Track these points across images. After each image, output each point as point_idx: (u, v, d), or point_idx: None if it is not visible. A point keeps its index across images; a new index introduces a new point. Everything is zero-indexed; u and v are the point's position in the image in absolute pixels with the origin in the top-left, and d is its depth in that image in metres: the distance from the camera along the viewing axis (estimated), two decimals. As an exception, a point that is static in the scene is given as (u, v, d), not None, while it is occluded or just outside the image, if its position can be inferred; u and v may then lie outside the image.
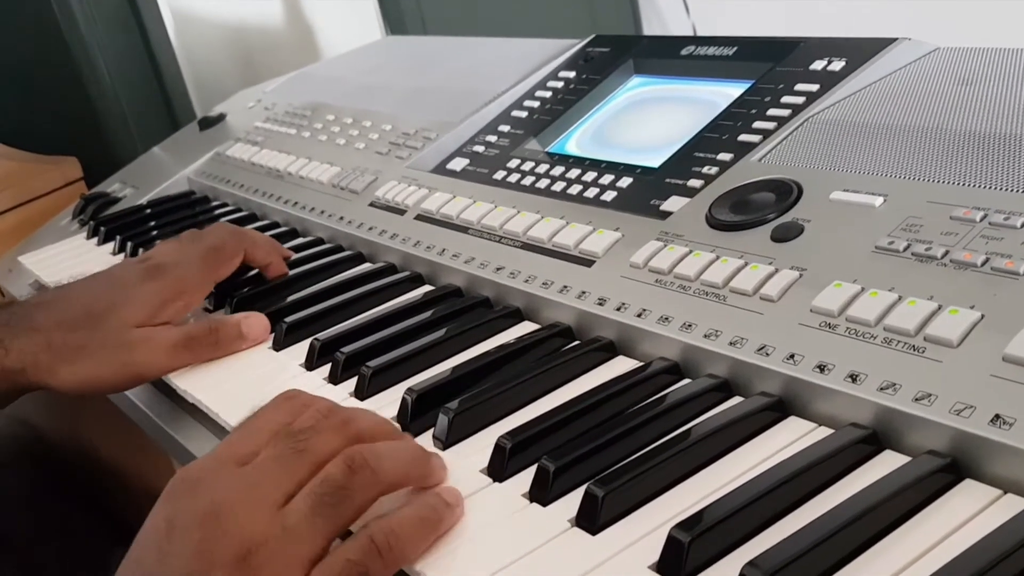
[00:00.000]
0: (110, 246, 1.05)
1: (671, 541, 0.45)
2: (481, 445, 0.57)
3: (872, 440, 0.50)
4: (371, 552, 0.45)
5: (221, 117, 1.31)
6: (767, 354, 0.55)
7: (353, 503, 0.47)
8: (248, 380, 0.71)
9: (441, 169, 0.92)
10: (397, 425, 0.59)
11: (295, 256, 0.89)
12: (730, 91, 0.82)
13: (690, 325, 0.60)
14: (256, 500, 0.46)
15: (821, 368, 0.53)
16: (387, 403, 0.63)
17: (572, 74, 0.97)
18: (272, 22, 1.94)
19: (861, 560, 0.43)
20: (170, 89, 1.58)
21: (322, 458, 0.48)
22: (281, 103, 1.25)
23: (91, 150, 1.50)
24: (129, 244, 1.01)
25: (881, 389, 0.50)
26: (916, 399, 0.48)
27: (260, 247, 0.84)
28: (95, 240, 1.09)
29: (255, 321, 0.76)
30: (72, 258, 1.05)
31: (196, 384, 0.71)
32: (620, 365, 0.63)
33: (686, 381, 0.59)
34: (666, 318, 0.61)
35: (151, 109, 1.54)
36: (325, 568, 0.45)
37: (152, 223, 1.08)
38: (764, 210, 0.65)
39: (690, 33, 2.00)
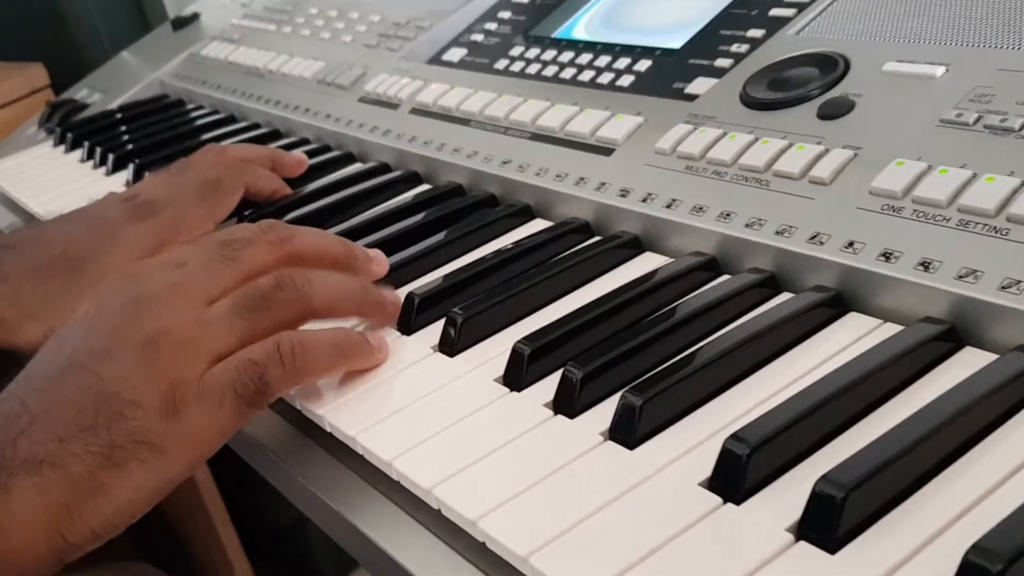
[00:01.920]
0: (78, 153, 0.97)
1: (726, 455, 0.38)
2: (495, 352, 0.50)
3: (950, 336, 0.43)
4: (273, 356, 0.45)
5: (195, 16, 1.22)
6: (821, 243, 0.48)
7: (272, 314, 0.47)
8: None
9: (436, 60, 0.84)
10: (350, 245, 0.56)
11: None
12: (756, -36, 0.74)
13: (728, 214, 0.53)
14: (179, 294, 0.46)
15: (886, 256, 0.46)
16: (386, 310, 0.56)
17: (577, -45, 0.89)
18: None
19: (951, 472, 0.37)
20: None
21: (252, 269, 0.49)
22: (259, -1, 1.16)
23: (58, 56, 1.40)
24: (98, 150, 0.93)
25: (959, 277, 0.43)
26: (1002, 287, 0.42)
27: (260, 177, 0.73)
28: (63, 148, 1.01)
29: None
30: (39, 166, 0.97)
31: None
32: (648, 262, 0.56)
33: (725, 277, 0.52)
34: (700, 208, 0.54)
35: (121, 11, 1.44)
36: (227, 362, 0.45)
37: (123, 128, 0.99)
38: (808, 85, 0.57)
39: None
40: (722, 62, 0.65)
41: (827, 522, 0.35)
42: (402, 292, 0.57)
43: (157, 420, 0.42)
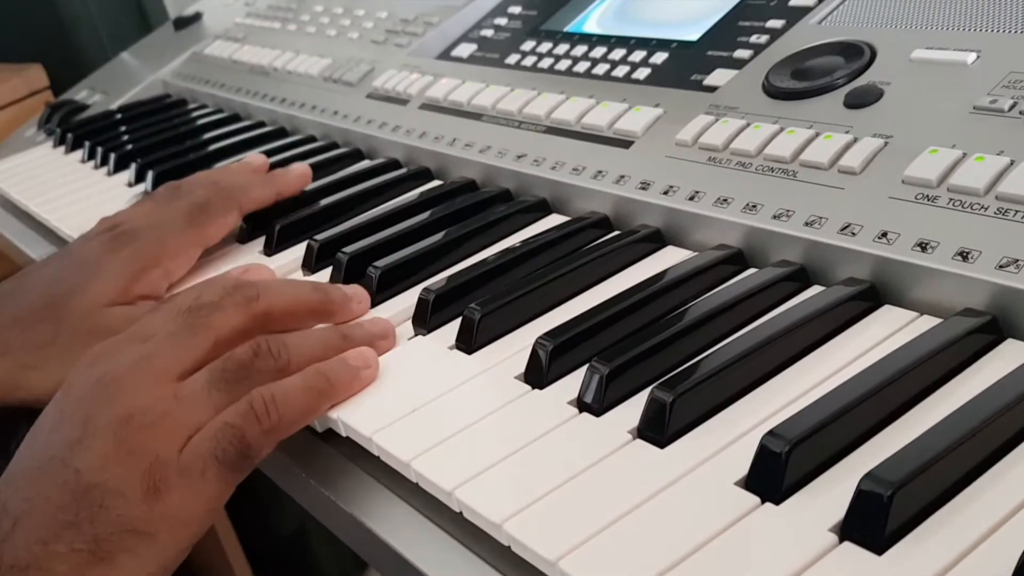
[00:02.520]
0: (79, 154, 0.95)
1: (763, 452, 0.36)
2: (514, 349, 0.49)
3: (992, 328, 0.41)
4: (248, 416, 0.43)
5: (198, 16, 1.20)
6: (853, 233, 0.47)
7: (251, 385, 0.45)
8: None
9: (446, 56, 0.83)
10: (325, 290, 0.53)
11: (285, 155, 0.80)
12: (772, -44, 0.73)
13: (755, 206, 0.51)
14: (146, 370, 0.44)
15: (922, 246, 0.44)
16: (400, 309, 0.55)
17: (588, -51, 0.87)
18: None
19: (999, 468, 0.35)
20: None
21: (220, 335, 0.47)
22: (263, -3, 1.15)
23: (57, 56, 1.38)
24: (99, 150, 0.91)
25: (1001, 267, 0.41)
26: (1047, 277, 0.40)
27: (255, 191, 0.68)
28: (63, 148, 0.99)
29: (256, 272, 0.60)
30: (39, 168, 0.95)
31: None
32: (671, 256, 0.54)
33: (753, 271, 0.50)
34: (725, 199, 0.52)
35: (121, 12, 1.42)
36: (203, 432, 0.43)
37: (125, 127, 0.98)
38: (833, 74, 0.56)
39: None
40: (742, 53, 0.63)
41: (873, 522, 0.33)
42: (416, 290, 0.55)
43: (140, 505, 0.40)
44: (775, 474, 0.36)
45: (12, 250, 0.85)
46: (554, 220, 0.61)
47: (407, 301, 0.55)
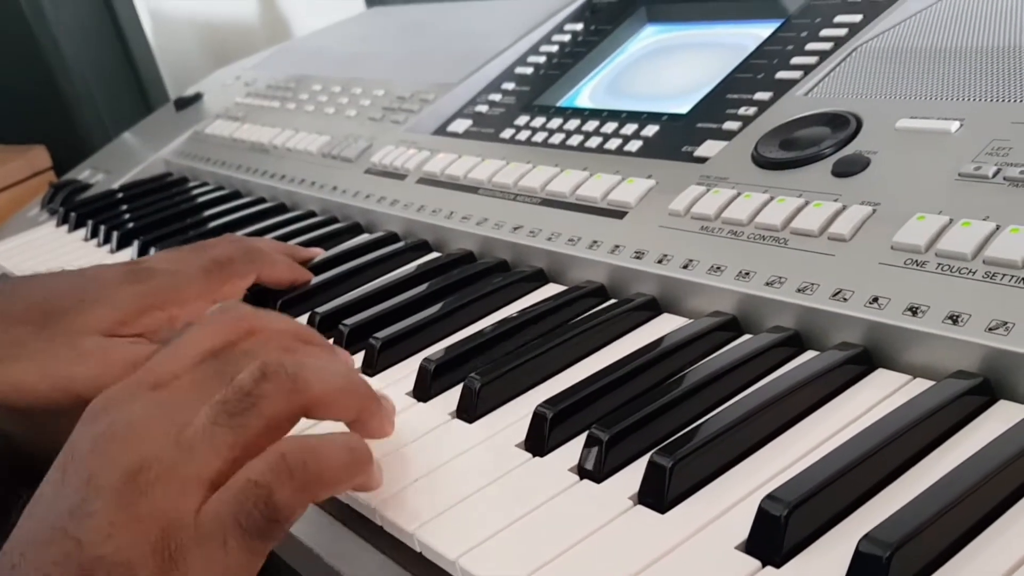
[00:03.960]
0: (82, 232, 0.97)
1: (763, 515, 0.37)
2: (514, 417, 0.49)
3: (984, 389, 0.42)
4: (280, 471, 0.37)
5: (198, 96, 1.23)
6: (844, 299, 0.48)
7: (260, 413, 0.38)
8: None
9: (442, 131, 0.84)
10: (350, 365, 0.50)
11: (285, 230, 0.81)
12: (758, 31, 0.75)
13: (748, 273, 0.52)
14: (158, 420, 0.38)
15: (912, 310, 0.45)
16: (400, 378, 0.55)
17: (579, 26, 0.90)
18: (245, 11, 1.85)
19: (994, 529, 0.36)
20: (143, 74, 1.49)
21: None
22: (262, 78, 1.17)
23: (60, 138, 1.41)
24: (103, 228, 0.93)
25: (990, 329, 0.42)
26: (1036, 339, 0.41)
27: (278, 266, 0.68)
28: (66, 227, 1.00)
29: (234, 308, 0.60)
30: (42, 247, 0.96)
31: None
32: (666, 323, 0.55)
33: (747, 337, 0.51)
34: (718, 267, 0.53)
35: (123, 95, 1.45)
36: (224, 490, 0.37)
37: (127, 206, 0.99)
38: (821, 144, 0.57)
39: None
40: (731, 125, 0.65)
41: (874, 583, 0.33)
42: (416, 359, 0.56)
43: None
44: (775, 537, 0.36)
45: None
46: (551, 290, 0.62)
47: (407, 370, 0.56)
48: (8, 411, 0.54)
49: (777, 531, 0.36)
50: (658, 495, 0.40)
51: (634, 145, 0.68)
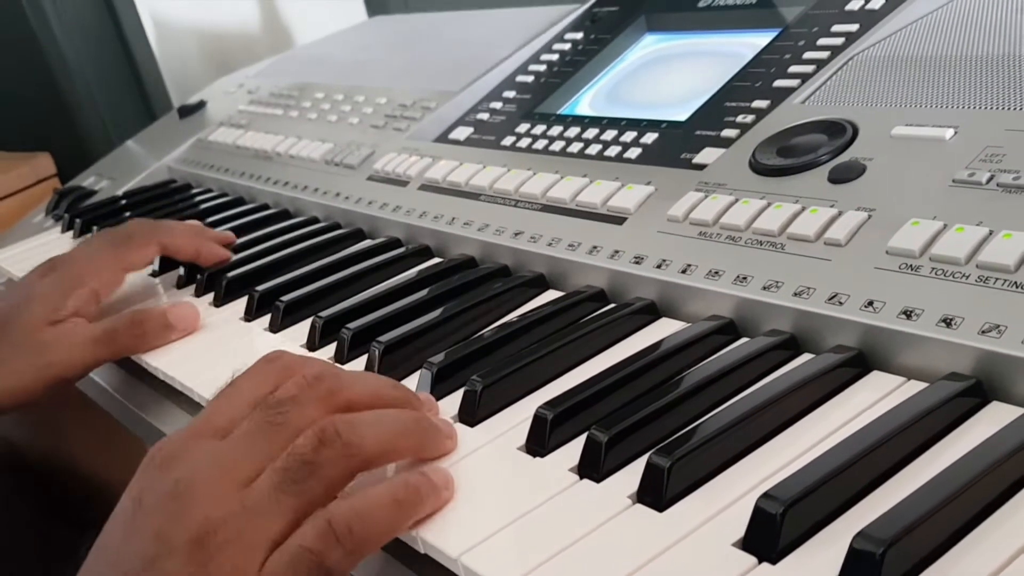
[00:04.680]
0: (87, 238, 0.97)
1: (759, 513, 0.38)
2: (515, 420, 0.50)
3: (976, 391, 0.43)
4: (328, 538, 0.39)
5: (201, 104, 1.24)
6: (840, 303, 0.48)
7: (321, 479, 0.41)
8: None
9: (443, 139, 0.85)
10: (406, 389, 0.49)
11: (289, 235, 0.82)
12: (756, 40, 0.76)
13: (745, 278, 0.53)
14: (221, 477, 0.41)
15: (907, 314, 0.46)
16: (403, 382, 0.56)
17: (579, 35, 0.91)
18: (248, 19, 1.87)
19: (985, 527, 0.36)
20: (147, 83, 1.50)
21: (301, 432, 0.43)
22: (265, 86, 1.18)
23: (64, 145, 1.42)
24: (107, 234, 0.93)
25: (983, 332, 0.43)
26: (1027, 341, 0.42)
27: (178, 234, 0.77)
28: (71, 233, 1.01)
29: (183, 310, 0.69)
30: (47, 252, 0.96)
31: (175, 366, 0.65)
32: (665, 327, 0.56)
33: (744, 340, 0.52)
34: (716, 272, 0.54)
35: (127, 103, 1.46)
36: (279, 554, 0.39)
37: (132, 212, 1.00)
38: (817, 151, 0.58)
39: None
40: (729, 132, 0.66)
41: (867, 579, 0.34)
42: (417, 364, 0.56)
43: None
44: (771, 535, 0.37)
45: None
46: (551, 295, 0.63)
47: (408, 374, 0.56)
48: (9, 413, 0.64)
49: (773, 529, 0.37)
50: (656, 494, 0.41)
51: (633, 152, 0.69)
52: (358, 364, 0.60)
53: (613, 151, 0.71)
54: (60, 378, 0.65)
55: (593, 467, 0.44)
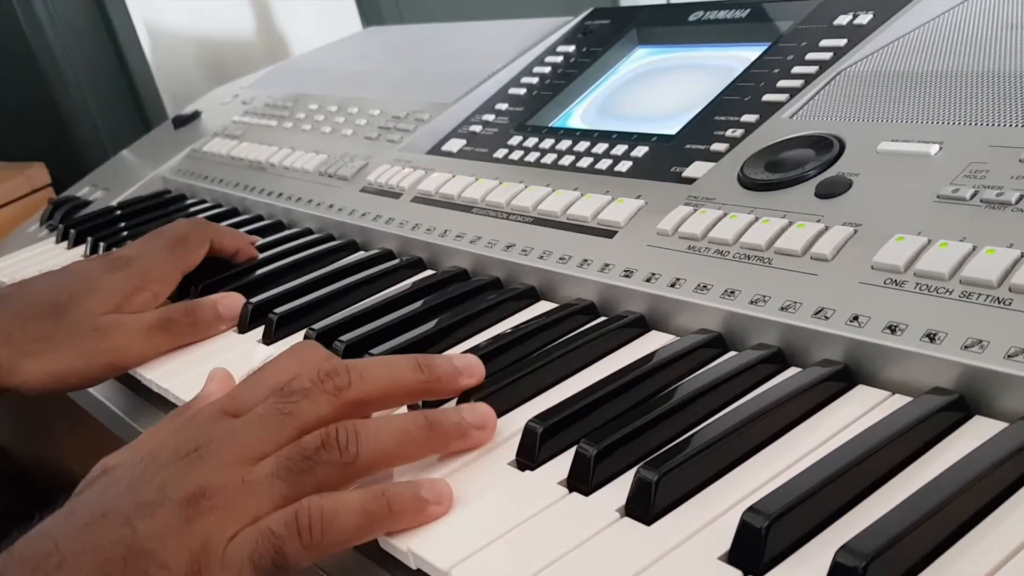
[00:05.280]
0: (81, 249, 0.98)
1: (744, 527, 0.38)
2: (506, 433, 0.50)
3: (959, 406, 0.44)
4: (291, 528, 0.42)
5: (196, 115, 1.24)
6: (826, 317, 0.49)
7: (315, 477, 0.44)
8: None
9: (436, 151, 0.86)
10: (432, 369, 0.50)
11: (283, 247, 0.83)
12: (746, 54, 0.77)
13: (733, 292, 0.54)
14: (230, 452, 0.44)
15: (891, 328, 0.46)
16: (394, 393, 0.57)
17: (571, 48, 0.92)
18: (243, 29, 1.87)
19: (966, 541, 0.37)
20: (141, 93, 1.51)
21: (307, 424, 0.46)
22: (260, 96, 1.19)
23: (59, 155, 1.42)
24: (102, 245, 0.94)
25: (966, 347, 0.44)
26: (1008, 356, 0.42)
27: (226, 234, 0.80)
28: (65, 244, 1.01)
29: (232, 300, 0.72)
30: (42, 263, 0.98)
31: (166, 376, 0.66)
32: (654, 340, 0.56)
33: (732, 354, 0.53)
34: (704, 286, 0.55)
35: (121, 113, 1.47)
36: (248, 530, 0.42)
37: (126, 223, 1.01)
38: (805, 166, 0.59)
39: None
40: (718, 146, 0.66)
41: (850, 592, 0.35)
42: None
43: None
44: (756, 548, 0.38)
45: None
46: (542, 307, 0.64)
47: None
48: (41, 398, 0.64)
49: (758, 542, 0.38)
50: (644, 508, 0.42)
51: (624, 166, 0.70)
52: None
53: (604, 164, 0.71)
54: (115, 364, 0.66)
55: (582, 480, 0.45)
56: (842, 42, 0.70)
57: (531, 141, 0.79)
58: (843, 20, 0.73)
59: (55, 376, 0.63)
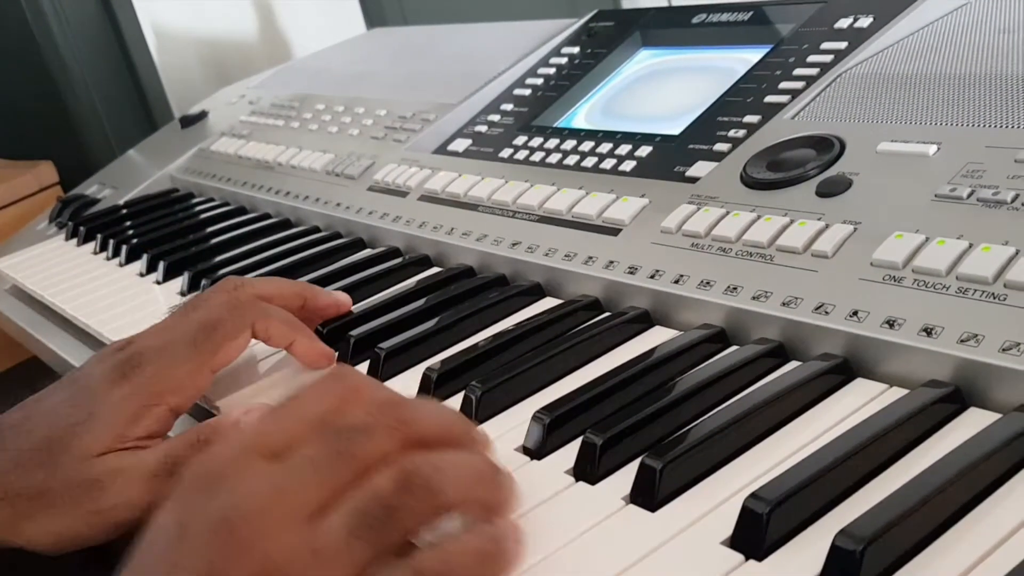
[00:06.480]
0: (91, 246, 0.99)
1: (747, 513, 0.39)
2: (512, 424, 0.52)
3: (955, 398, 0.45)
4: None
5: (203, 114, 1.26)
6: (826, 312, 0.50)
7: (402, 527, 0.37)
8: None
9: (443, 150, 0.87)
10: (469, 422, 0.45)
11: (290, 244, 0.84)
12: (748, 56, 0.78)
13: (735, 288, 0.55)
14: (283, 510, 0.36)
15: (890, 323, 0.48)
16: (402, 387, 0.58)
17: (576, 50, 0.93)
18: (248, 31, 1.89)
19: (960, 527, 0.38)
20: (148, 92, 1.52)
21: (370, 466, 0.38)
22: (267, 96, 1.20)
23: (67, 154, 1.44)
24: (111, 242, 0.95)
25: (962, 341, 0.45)
26: (1003, 349, 0.44)
27: (274, 321, 0.60)
28: (75, 241, 1.03)
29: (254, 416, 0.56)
30: (52, 259, 0.99)
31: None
32: (658, 335, 0.58)
33: (734, 348, 0.54)
34: (707, 282, 0.56)
35: (128, 112, 1.48)
36: None
37: (135, 220, 1.02)
38: (806, 166, 0.60)
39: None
40: (721, 146, 0.68)
41: (848, 574, 0.36)
42: (418, 369, 0.58)
43: None
44: (758, 533, 0.39)
45: (28, 340, 0.88)
46: (548, 303, 0.65)
47: (409, 380, 0.58)
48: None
49: (760, 527, 0.39)
50: (649, 495, 0.43)
51: (628, 165, 0.71)
52: (360, 370, 0.61)
53: (608, 164, 0.73)
54: (121, 524, 0.51)
55: (588, 469, 0.46)
56: (843, 45, 0.71)
57: (536, 141, 0.81)
58: (844, 23, 0.74)
59: (63, 538, 0.51)
